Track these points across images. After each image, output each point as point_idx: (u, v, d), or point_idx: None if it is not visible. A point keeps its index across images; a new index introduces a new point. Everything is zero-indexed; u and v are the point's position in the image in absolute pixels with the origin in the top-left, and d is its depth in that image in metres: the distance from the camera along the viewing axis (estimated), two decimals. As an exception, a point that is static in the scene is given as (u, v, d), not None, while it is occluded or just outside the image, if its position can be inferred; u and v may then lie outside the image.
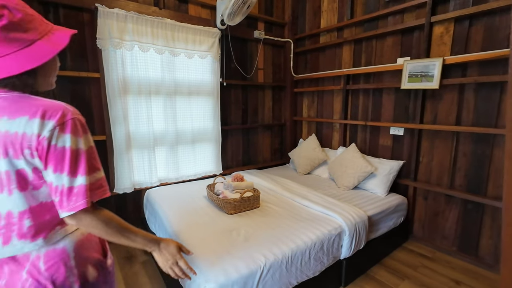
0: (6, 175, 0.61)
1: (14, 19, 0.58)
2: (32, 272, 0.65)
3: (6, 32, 0.58)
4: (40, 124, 0.60)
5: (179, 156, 2.51)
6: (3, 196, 0.62)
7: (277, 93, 3.33)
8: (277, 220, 1.72)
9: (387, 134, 2.47)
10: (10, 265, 0.65)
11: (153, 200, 2.08)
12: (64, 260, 0.68)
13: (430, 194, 2.22)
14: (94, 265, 0.74)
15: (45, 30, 0.64)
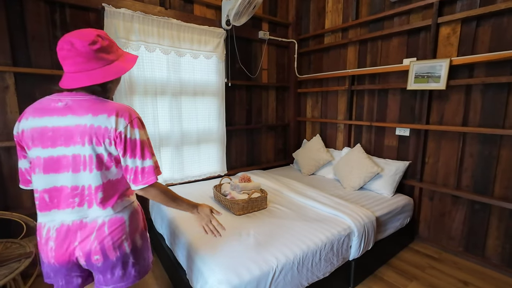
0: (89, 158, 0.82)
1: (103, 45, 0.83)
2: (98, 236, 0.85)
3: (97, 53, 0.81)
4: (116, 121, 0.82)
5: (184, 157, 2.50)
6: (86, 173, 0.83)
7: (281, 94, 3.33)
8: (285, 221, 1.71)
9: (393, 135, 2.47)
10: (82, 231, 0.85)
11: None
12: (122, 226, 0.89)
13: (436, 194, 2.23)
14: (140, 234, 0.96)
15: (119, 54, 0.89)
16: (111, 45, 0.87)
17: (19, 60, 1.78)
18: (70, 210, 0.84)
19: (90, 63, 0.81)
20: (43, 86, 1.87)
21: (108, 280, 0.89)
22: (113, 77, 0.84)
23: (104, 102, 0.85)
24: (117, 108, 0.84)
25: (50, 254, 0.85)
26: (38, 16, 1.81)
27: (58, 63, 1.89)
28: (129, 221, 0.91)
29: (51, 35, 1.86)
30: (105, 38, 0.85)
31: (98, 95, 0.87)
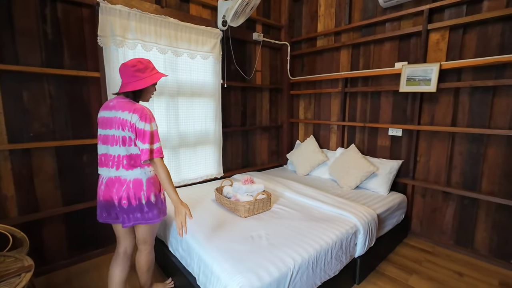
0: (118, 137, 1.28)
1: (140, 67, 1.30)
2: (126, 188, 1.29)
3: (135, 72, 1.29)
4: (131, 116, 1.25)
5: (181, 159, 2.43)
6: (117, 147, 1.29)
7: (274, 95, 3.35)
8: (293, 222, 1.72)
9: (386, 135, 2.58)
10: (118, 183, 1.30)
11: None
12: (141, 185, 1.31)
13: (428, 191, 2.34)
14: (154, 194, 1.36)
15: (150, 73, 1.34)
16: (145, 68, 1.32)
17: (5, 57, 1.64)
18: (112, 169, 1.30)
19: (129, 78, 1.30)
20: (32, 85, 1.74)
21: (130, 218, 1.32)
22: (140, 87, 1.30)
23: (132, 103, 1.31)
24: (135, 107, 1.28)
25: (101, 193, 1.33)
26: (27, 11, 1.68)
27: (50, 62, 1.77)
28: (146, 183, 1.32)
29: (41, 31, 1.74)
30: (142, 62, 1.32)
31: (131, 99, 1.34)
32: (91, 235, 2.09)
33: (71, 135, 1.93)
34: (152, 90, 1.39)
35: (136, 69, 1.28)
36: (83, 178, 2.00)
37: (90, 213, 2.01)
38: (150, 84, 1.32)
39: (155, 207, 1.35)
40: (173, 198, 1.30)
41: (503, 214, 1.98)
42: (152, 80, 1.32)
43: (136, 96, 1.34)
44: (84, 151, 1.99)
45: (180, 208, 1.30)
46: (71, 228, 1.99)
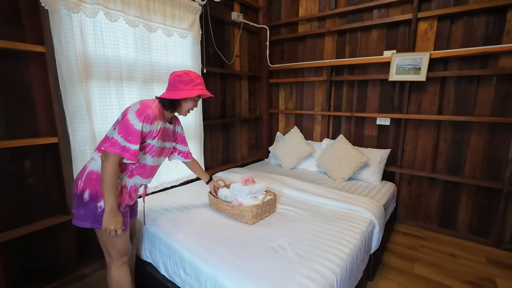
0: None
1: (185, 78, 1.22)
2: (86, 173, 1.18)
3: (178, 82, 1.22)
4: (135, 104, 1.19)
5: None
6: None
7: (253, 84, 3.09)
8: (308, 224, 1.54)
9: (373, 125, 2.57)
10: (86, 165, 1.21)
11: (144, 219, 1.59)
12: (83, 171, 1.19)
13: (414, 178, 2.42)
14: (90, 193, 1.14)
15: (192, 87, 1.23)
16: (189, 81, 1.22)
17: None
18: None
19: (170, 86, 1.24)
20: None
21: None
22: (172, 97, 1.21)
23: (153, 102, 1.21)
24: (145, 102, 1.18)
25: None
26: None
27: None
28: (87, 174, 1.18)
29: None
30: (189, 75, 1.23)
31: (164, 107, 1.25)
32: (41, 265, 1.57)
33: (3, 134, 1.38)
34: (190, 105, 1.29)
35: (180, 80, 1.21)
36: (26, 192, 1.48)
37: (40, 237, 1.50)
38: (184, 97, 1.22)
39: (84, 207, 1.14)
40: (111, 204, 1.09)
41: (482, 195, 2.14)
42: (188, 94, 1.20)
43: (172, 105, 1.25)
44: (26, 155, 1.45)
45: (112, 221, 1.09)
46: (9, 259, 1.46)
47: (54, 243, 1.60)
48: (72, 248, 1.68)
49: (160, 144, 1.25)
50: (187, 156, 1.56)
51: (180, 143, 1.50)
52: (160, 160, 1.33)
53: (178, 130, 1.46)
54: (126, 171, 1.20)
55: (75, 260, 1.71)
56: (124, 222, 1.19)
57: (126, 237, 1.25)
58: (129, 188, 1.23)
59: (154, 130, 1.17)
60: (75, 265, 1.70)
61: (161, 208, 1.72)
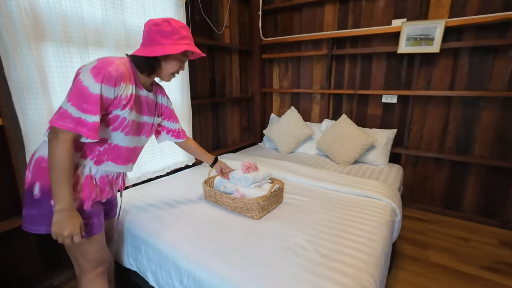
0: None
1: (165, 29, 0.89)
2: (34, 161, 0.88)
3: (156, 34, 0.88)
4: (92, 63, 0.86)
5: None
6: None
7: (244, 60, 2.77)
8: (323, 215, 1.32)
9: (377, 103, 2.38)
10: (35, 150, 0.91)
11: (125, 220, 1.30)
12: (30, 161, 0.89)
13: (420, 159, 2.28)
14: (41, 187, 0.85)
15: (176, 41, 0.90)
16: (172, 32, 0.89)
17: None
18: None
19: (146, 40, 0.91)
20: None
21: None
22: (149, 54, 0.88)
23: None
24: (106, 58, 0.86)
25: None
26: None
27: None
28: (35, 162, 0.88)
29: None
30: (171, 25, 0.89)
31: (139, 68, 0.93)
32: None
33: None
34: (174, 67, 0.96)
35: (158, 30, 0.88)
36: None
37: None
38: (166, 55, 0.90)
39: (37, 206, 0.85)
40: (61, 201, 0.78)
41: (492, 175, 2.04)
42: (172, 50, 0.88)
43: (149, 66, 0.93)
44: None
45: (72, 218, 0.79)
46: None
47: (10, 253, 1.28)
48: (35, 256, 1.36)
49: (135, 117, 0.95)
50: (179, 135, 1.25)
51: (168, 118, 1.19)
52: (140, 140, 1.03)
53: (163, 101, 1.14)
54: (90, 155, 0.89)
55: (41, 270, 1.39)
56: (93, 224, 0.91)
57: (100, 243, 0.97)
58: (98, 178, 0.94)
59: (122, 96, 0.86)
60: (41, 276, 1.39)
61: (146, 203, 1.43)
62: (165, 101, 1.15)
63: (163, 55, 0.91)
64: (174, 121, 1.22)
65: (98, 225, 0.93)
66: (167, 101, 1.16)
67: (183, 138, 1.28)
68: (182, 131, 1.27)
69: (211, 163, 1.42)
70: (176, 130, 1.24)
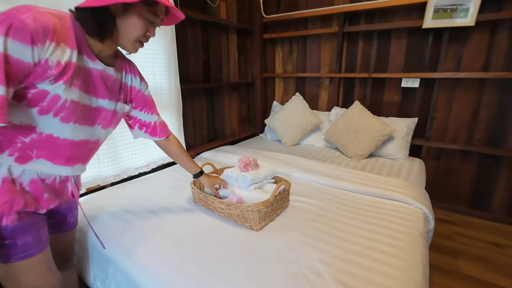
0: None
1: None
2: None
3: None
4: None
5: (117, 138, 1.43)
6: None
7: (243, 40, 2.46)
8: (340, 224, 1.06)
9: (395, 88, 2.08)
10: None
11: (90, 231, 1.04)
12: None
13: (444, 152, 2.00)
14: None
15: None
16: None
17: None
18: None
19: None
20: None
21: None
22: (97, 4, 0.60)
23: None
24: (21, 6, 0.56)
25: None
26: None
27: None
28: None
29: None
30: None
31: (84, 26, 0.64)
32: None
33: None
34: (137, 28, 0.67)
35: None
36: None
37: None
38: (122, 2, 0.60)
39: None
40: None
41: (529, 171, 1.76)
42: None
43: (101, 26, 0.63)
44: None
45: None
46: None
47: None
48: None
49: (80, 98, 0.66)
50: (155, 131, 0.95)
51: (141, 107, 0.90)
52: (93, 132, 0.75)
53: (133, 83, 0.85)
54: (8, 149, 0.63)
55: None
56: (21, 245, 0.66)
57: (41, 268, 0.71)
58: (27, 183, 0.67)
59: (50, 61, 0.57)
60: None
61: (121, 208, 1.17)
62: (137, 83, 0.86)
63: (119, 7, 0.63)
64: (150, 111, 0.92)
65: (33, 245, 0.67)
66: (140, 83, 0.87)
67: (161, 135, 0.97)
68: (161, 126, 0.97)
69: (194, 174, 1.11)
70: (152, 124, 0.94)
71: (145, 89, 0.89)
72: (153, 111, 0.93)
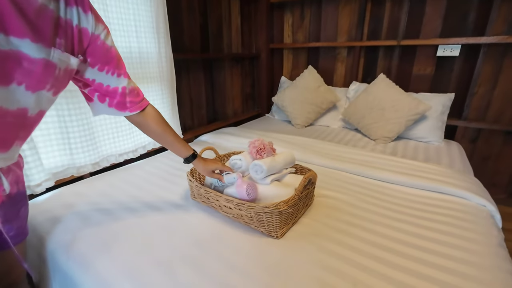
0: None
1: None
2: None
3: None
4: None
5: (94, 118, 1.13)
6: None
7: (246, 5, 2.09)
8: (384, 229, 0.80)
9: (429, 58, 1.76)
10: None
11: (50, 240, 0.77)
12: None
13: (482, 134, 1.72)
14: None
15: None
16: None
17: None
18: None
19: None
20: None
21: None
22: None
23: None
24: None
25: None
26: None
27: None
28: None
29: None
30: None
31: None
32: None
33: None
34: None
35: None
36: None
37: None
38: None
39: None
40: None
41: None
42: None
43: None
44: None
45: None
46: None
47: None
48: None
49: None
50: (124, 102, 0.65)
51: (101, 66, 0.60)
52: (10, 95, 0.45)
53: (82, 23, 0.54)
54: None
55: None
56: None
57: None
58: None
59: None
60: None
61: (95, 206, 0.90)
62: (89, 24, 0.55)
63: None
64: (115, 72, 0.62)
65: None
66: (94, 25, 0.56)
67: (134, 109, 0.67)
68: (133, 94, 0.67)
69: (185, 158, 0.83)
70: (119, 92, 0.64)
71: (106, 36, 0.59)
72: (120, 71, 0.63)
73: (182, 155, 0.82)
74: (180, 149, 0.80)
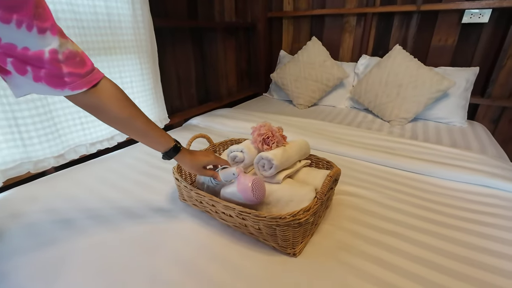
0: None
1: None
2: None
3: None
4: None
5: (42, 97, 0.89)
6: None
7: (240, -38, 1.78)
8: (428, 238, 0.63)
9: (451, 26, 1.53)
10: None
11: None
12: None
13: (506, 113, 1.55)
14: None
15: None
16: None
17: None
18: None
19: None
20: None
21: None
22: None
23: None
24: None
25: None
26: None
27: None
28: None
29: None
30: None
31: None
32: None
33: None
34: None
35: None
36: None
37: None
38: None
39: None
40: None
41: None
42: None
43: None
44: None
45: None
46: None
47: None
48: None
49: None
50: (59, 76, 0.42)
51: (8, 14, 0.34)
52: None
53: None
54: None
55: None
56: None
57: None
58: None
59: None
60: None
61: (51, 217, 0.69)
62: None
63: None
64: (29, 23, 0.37)
65: None
66: None
67: (76, 85, 0.44)
68: (72, 61, 0.43)
69: (164, 152, 0.61)
70: (46, 58, 0.40)
71: None
72: (44, 24, 0.39)
73: (159, 148, 0.60)
74: (155, 141, 0.58)
